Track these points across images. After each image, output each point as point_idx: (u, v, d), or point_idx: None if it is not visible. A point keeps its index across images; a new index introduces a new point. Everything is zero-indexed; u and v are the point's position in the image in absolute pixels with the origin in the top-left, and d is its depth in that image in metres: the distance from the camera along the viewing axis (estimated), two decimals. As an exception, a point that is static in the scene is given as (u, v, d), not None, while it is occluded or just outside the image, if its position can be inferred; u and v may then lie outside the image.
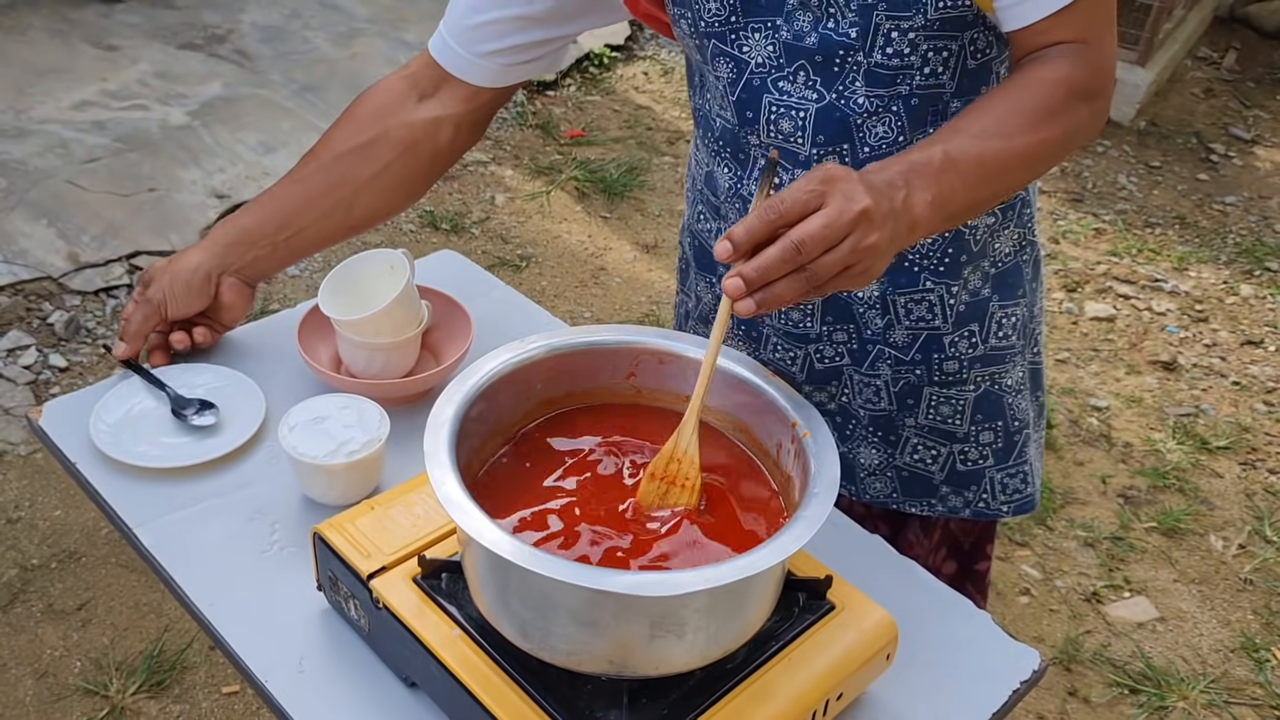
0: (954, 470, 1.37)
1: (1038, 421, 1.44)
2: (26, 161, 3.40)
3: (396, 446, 1.24)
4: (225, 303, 1.36)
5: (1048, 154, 1.10)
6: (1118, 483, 2.90)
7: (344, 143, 1.35)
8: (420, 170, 1.38)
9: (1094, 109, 1.12)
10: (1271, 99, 4.85)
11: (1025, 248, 1.31)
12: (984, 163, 1.03)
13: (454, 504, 0.86)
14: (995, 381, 1.34)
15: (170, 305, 1.33)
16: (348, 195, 1.35)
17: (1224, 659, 2.46)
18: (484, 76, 1.33)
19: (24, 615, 2.30)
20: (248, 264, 1.35)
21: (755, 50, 1.17)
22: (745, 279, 0.89)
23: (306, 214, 1.35)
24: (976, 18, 1.11)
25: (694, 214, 1.41)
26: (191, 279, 1.32)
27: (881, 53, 1.12)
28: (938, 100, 1.16)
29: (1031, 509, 1.43)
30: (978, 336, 1.30)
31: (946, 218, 1.02)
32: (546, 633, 0.88)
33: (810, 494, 0.89)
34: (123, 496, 1.21)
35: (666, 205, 3.87)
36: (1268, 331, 3.51)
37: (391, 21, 4.53)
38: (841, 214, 0.88)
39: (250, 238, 1.35)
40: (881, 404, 1.34)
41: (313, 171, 1.36)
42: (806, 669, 0.95)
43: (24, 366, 2.86)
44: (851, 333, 1.30)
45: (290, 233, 1.35)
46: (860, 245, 0.89)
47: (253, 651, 1.05)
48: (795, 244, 0.88)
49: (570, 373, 1.05)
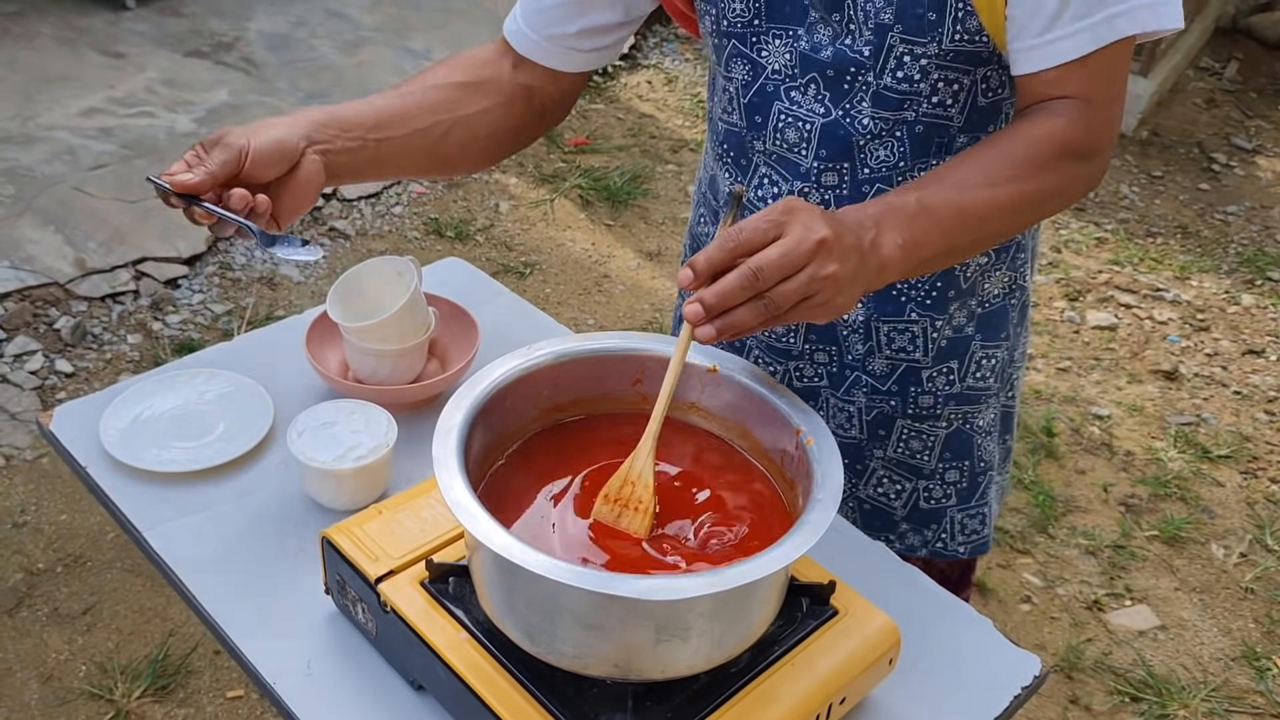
0: (916, 508, 1.37)
1: (1002, 465, 1.43)
2: (34, 168, 3.42)
3: (404, 452, 1.25)
4: (300, 178, 1.16)
5: (1030, 207, 1.10)
6: (1119, 491, 2.91)
7: (445, 78, 1.28)
8: (513, 126, 1.32)
9: (1087, 168, 1.12)
10: (1273, 109, 4.86)
11: (1015, 291, 1.31)
12: (963, 211, 1.04)
13: (462, 508, 0.87)
14: (968, 421, 1.34)
15: (251, 158, 1.12)
16: (445, 121, 1.26)
17: (1225, 667, 2.46)
18: (554, 60, 1.31)
19: (29, 619, 2.32)
20: (336, 149, 1.19)
21: (773, 56, 1.17)
22: (705, 305, 0.90)
23: (403, 124, 1.24)
24: (992, 55, 1.11)
25: (695, 217, 1.42)
26: (284, 136, 1.14)
27: (891, 75, 1.12)
28: (944, 132, 1.16)
29: (985, 551, 1.43)
30: (955, 374, 1.30)
31: (920, 262, 1.03)
32: (552, 636, 0.89)
33: (814, 500, 0.91)
34: (132, 501, 1.22)
35: (670, 213, 3.88)
36: (1269, 341, 3.52)
37: (397, 30, 4.55)
38: (800, 243, 0.90)
39: (343, 123, 1.20)
40: (853, 431, 1.34)
41: (413, 91, 1.26)
42: (810, 673, 0.96)
43: (30, 372, 2.88)
44: (833, 354, 1.30)
45: (383, 135, 1.22)
46: (819, 275, 0.90)
47: (261, 655, 1.06)
48: (753, 270, 0.89)
49: (577, 379, 1.06)
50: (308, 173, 1.16)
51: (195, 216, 1.10)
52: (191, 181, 1.08)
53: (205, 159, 1.10)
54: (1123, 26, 1.05)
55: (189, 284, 3.25)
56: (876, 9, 1.09)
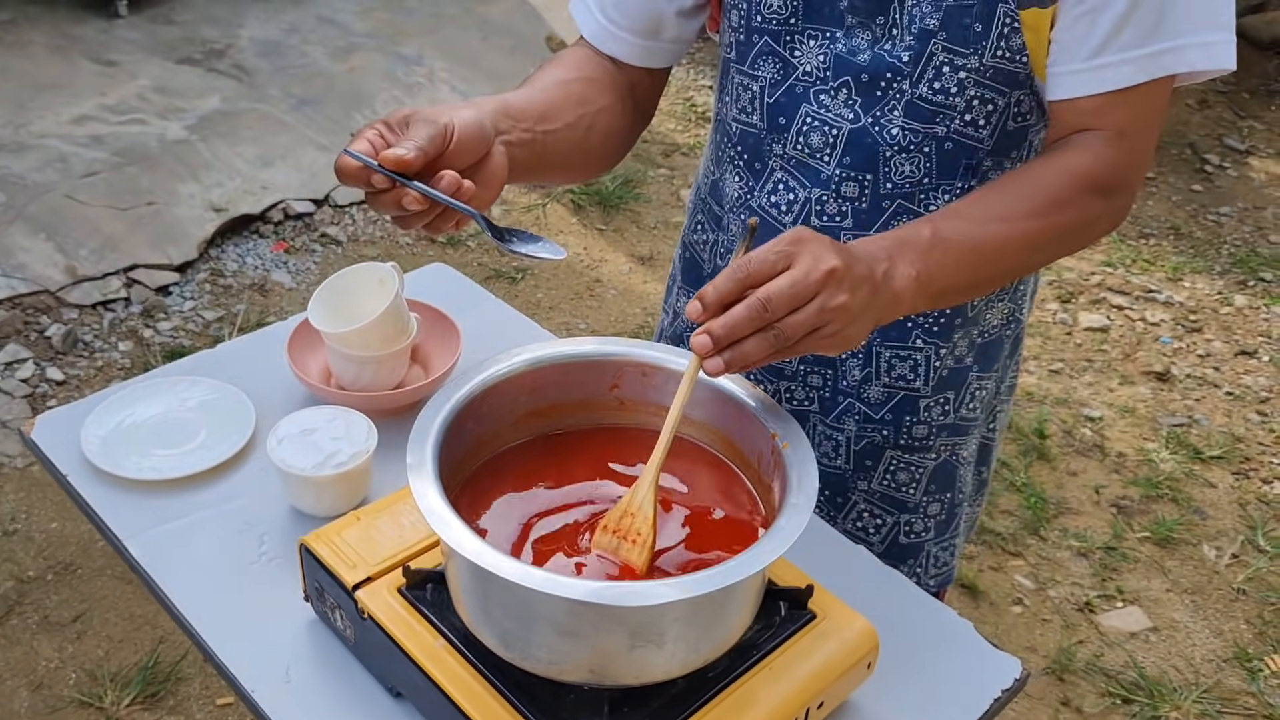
0: (895, 543, 1.34)
1: (975, 497, 1.41)
2: (25, 175, 3.42)
3: (384, 458, 1.25)
4: (491, 168, 1.05)
5: (1050, 242, 1.09)
6: (1111, 493, 2.91)
7: (571, 73, 1.20)
8: (628, 124, 1.26)
9: (1111, 205, 1.10)
10: (1266, 110, 4.87)
11: (1010, 323, 1.30)
12: (979, 245, 1.03)
13: (436, 515, 0.87)
14: (954, 452, 1.32)
15: (457, 137, 1.00)
16: (588, 115, 1.18)
17: (1217, 669, 2.46)
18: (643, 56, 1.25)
19: (19, 627, 2.31)
20: (514, 140, 1.09)
21: (806, 57, 1.15)
22: (713, 336, 0.89)
23: (557, 117, 1.14)
24: (1027, 77, 1.09)
25: (691, 224, 1.39)
26: (479, 119, 1.03)
27: (929, 85, 1.10)
28: (972, 153, 1.14)
29: (949, 583, 1.41)
30: (950, 404, 1.28)
31: (935, 295, 1.01)
32: (528, 643, 0.89)
33: (789, 504, 0.90)
34: (113, 509, 1.22)
35: (662, 218, 3.88)
36: (1261, 342, 3.52)
37: (389, 36, 4.56)
38: (809, 274, 0.88)
39: (514, 114, 1.09)
40: (838, 461, 1.31)
41: (548, 86, 1.17)
42: (788, 678, 0.96)
43: (21, 380, 2.88)
44: (827, 378, 1.27)
45: (548, 127, 1.13)
46: (828, 305, 0.89)
47: (240, 662, 1.06)
48: (762, 301, 0.88)
49: (554, 385, 1.06)
50: (497, 163, 1.05)
51: (401, 201, 0.96)
52: (407, 157, 0.94)
53: (406, 134, 0.96)
54: (1169, 63, 1.04)
55: (180, 291, 3.26)
56: (923, 14, 1.08)
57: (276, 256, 3.45)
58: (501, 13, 4.89)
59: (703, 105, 4.61)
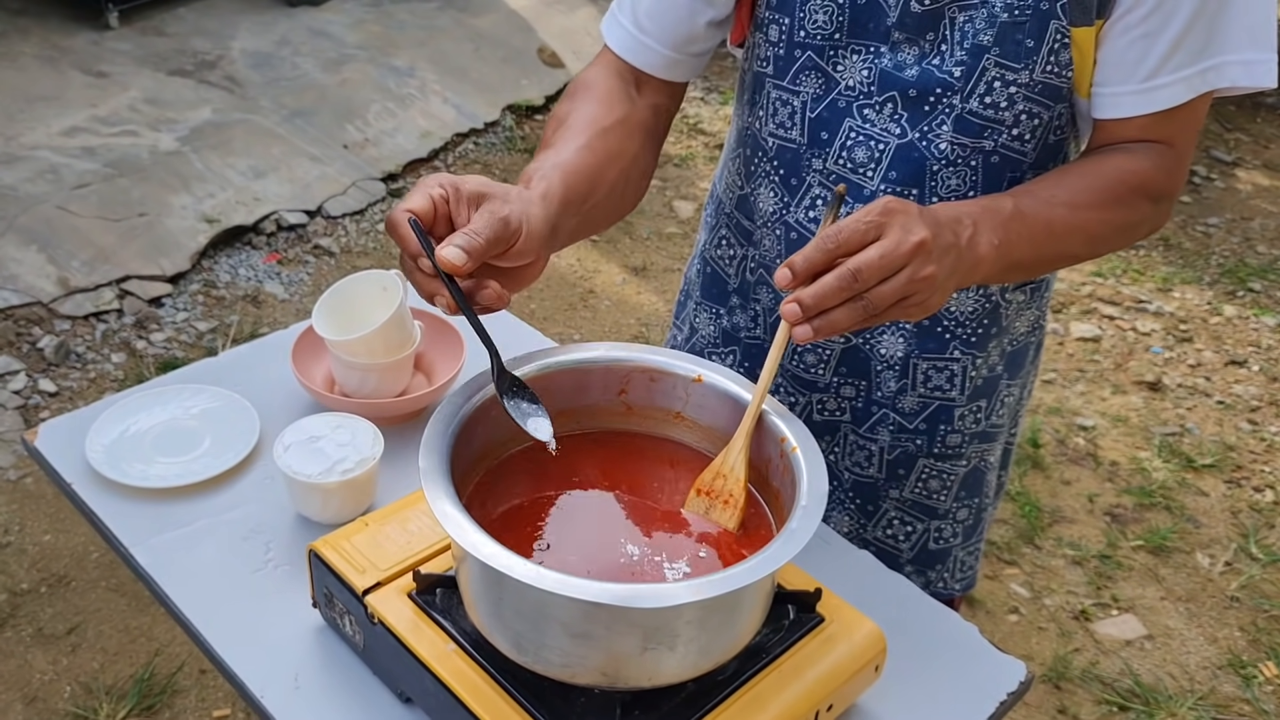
0: (924, 549, 1.36)
1: (994, 498, 1.44)
2: (17, 187, 3.41)
3: (390, 465, 1.25)
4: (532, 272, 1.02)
5: (1104, 236, 1.11)
6: (1104, 501, 2.92)
7: (604, 118, 1.15)
8: (653, 160, 1.23)
9: (1158, 209, 1.13)
10: (1252, 122, 4.91)
11: (1035, 330, 1.32)
12: (1050, 224, 1.05)
13: (450, 519, 0.87)
14: (983, 458, 1.34)
15: (522, 242, 0.96)
16: (625, 167, 1.15)
17: (1211, 676, 2.47)
18: (671, 71, 1.23)
19: (13, 640, 2.30)
20: (563, 227, 1.05)
21: (850, 72, 1.15)
22: (802, 305, 0.91)
23: (604, 180, 1.11)
24: (1069, 91, 1.11)
25: (713, 239, 1.37)
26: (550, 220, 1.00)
27: (980, 100, 1.11)
28: (1017, 166, 1.15)
29: (973, 586, 1.44)
30: (983, 412, 1.30)
31: (1008, 266, 1.03)
32: (540, 645, 0.89)
33: (798, 507, 0.91)
34: (118, 517, 1.22)
35: (655, 228, 3.89)
36: (1251, 351, 3.54)
37: (381, 48, 4.56)
38: (899, 245, 0.90)
39: (574, 199, 1.06)
40: (870, 470, 1.32)
41: (594, 139, 1.12)
42: (797, 681, 0.97)
43: (13, 391, 2.86)
44: (860, 389, 1.28)
45: (590, 204, 1.10)
46: (917, 276, 0.91)
47: (248, 668, 1.06)
48: (852, 272, 0.90)
49: (562, 390, 1.06)
50: (538, 268, 1.02)
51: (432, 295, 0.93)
52: (459, 266, 0.90)
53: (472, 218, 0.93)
54: (1213, 80, 1.07)
55: (173, 302, 3.25)
56: (976, 30, 1.08)
57: (269, 268, 3.45)
58: (492, 24, 4.90)
59: (694, 117, 4.63)
